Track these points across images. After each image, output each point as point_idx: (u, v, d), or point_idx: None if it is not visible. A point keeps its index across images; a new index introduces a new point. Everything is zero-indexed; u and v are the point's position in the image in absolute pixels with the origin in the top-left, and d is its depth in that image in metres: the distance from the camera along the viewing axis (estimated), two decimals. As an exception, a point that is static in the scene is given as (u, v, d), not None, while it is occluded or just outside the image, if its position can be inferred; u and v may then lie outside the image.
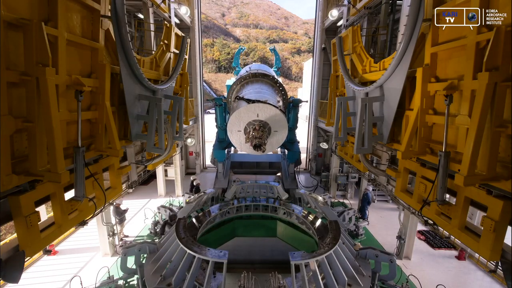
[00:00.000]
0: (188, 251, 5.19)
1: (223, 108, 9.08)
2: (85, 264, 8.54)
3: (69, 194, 4.27)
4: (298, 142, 10.96)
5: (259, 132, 5.90)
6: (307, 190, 9.37)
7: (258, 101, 5.97)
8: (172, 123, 6.42)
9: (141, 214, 12.02)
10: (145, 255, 6.05)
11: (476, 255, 9.00)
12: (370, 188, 11.92)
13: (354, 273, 5.25)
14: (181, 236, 5.67)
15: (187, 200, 7.97)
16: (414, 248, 9.25)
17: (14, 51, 3.21)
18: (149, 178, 16.37)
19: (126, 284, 6.37)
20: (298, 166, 11.52)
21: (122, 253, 5.79)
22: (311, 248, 7.27)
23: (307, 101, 15.51)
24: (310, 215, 7.48)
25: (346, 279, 5.02)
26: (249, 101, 6.04)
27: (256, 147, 5.72)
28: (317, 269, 4.97)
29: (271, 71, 8.96)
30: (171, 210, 9.55)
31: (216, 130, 10.76)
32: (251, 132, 5.98)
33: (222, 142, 10.32)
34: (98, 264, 8.03)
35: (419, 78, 4.61)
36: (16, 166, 3.34)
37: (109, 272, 6.56)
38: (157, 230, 9.87)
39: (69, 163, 4.02)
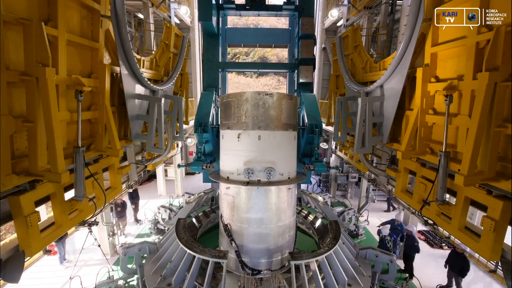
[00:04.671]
0: (188, 251, 5.19)
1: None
2: (85, 264, 8.54)
3: (69, 194, 4.27)
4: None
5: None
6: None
7: (259, 272, 4.52)
8: (172, 123, 6.42)
9: (141, 214, 12.02)
10: (145, 255, 6.05)
11: (476, 255, 9.00)
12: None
13: (354, 273, 5.25)
14: (181, 236, 5.67)
15: (187, 200, 7.97)
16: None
17: (14, 51, 3.21)
18: (149, 178, 16.36)
19: (126, 284, 6.37)
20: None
21: (122, 253, 5.79)
22: (311, 248, 7.27)
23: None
24: (310, 215, 7.49)
25: (346, 279, 5.02)
26: (243, 264, 4.57)
27: None
28: (317, 269, 4.97)
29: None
30: (171, 210, 9.57)
31: None
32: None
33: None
34: (98, 264, 8.03)
35: (419, 78, 4.61)
36: (16, 166, 3.34)
37: (109, 272, 6.56)
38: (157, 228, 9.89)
39: (69, 163, 4.02)
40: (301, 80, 7.48)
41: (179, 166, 7.49)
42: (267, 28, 11.02)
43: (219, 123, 5.78)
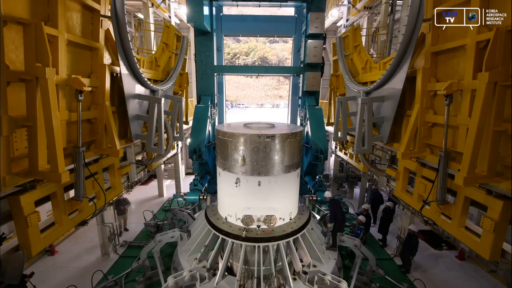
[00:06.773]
0: (214, 231, 5.24)
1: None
2: (85, 264, 8.53)
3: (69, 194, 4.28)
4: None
5: None
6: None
7: None
8: (172, 123, 6.42)
9: (141, 214, 11.99)
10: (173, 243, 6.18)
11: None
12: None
13: (320, 256, 5.52)
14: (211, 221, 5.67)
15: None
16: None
17: (14, 51, 3.21)
18: (149, 178, 16.35)
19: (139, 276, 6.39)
20: None
21: (156, 240, 5.94)
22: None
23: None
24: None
25: (311, 260, 5.24)
26: None
27: None
28: (283, 250, 5.13)
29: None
30: (171, 210, 9.55)
31: None
32: None
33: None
34: (98, 264, 8.02)
35: (419, 78, 4.61)
36: (16, 166, 3.34)
37: (109, 272, 6.56)
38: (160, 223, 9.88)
39: (69, 163, 4.02)
40: (306, 89, 6.85)
41: (174, 196, 7.73)
42: (269, 16, 9.43)
43: (215, 141, 5.39)
